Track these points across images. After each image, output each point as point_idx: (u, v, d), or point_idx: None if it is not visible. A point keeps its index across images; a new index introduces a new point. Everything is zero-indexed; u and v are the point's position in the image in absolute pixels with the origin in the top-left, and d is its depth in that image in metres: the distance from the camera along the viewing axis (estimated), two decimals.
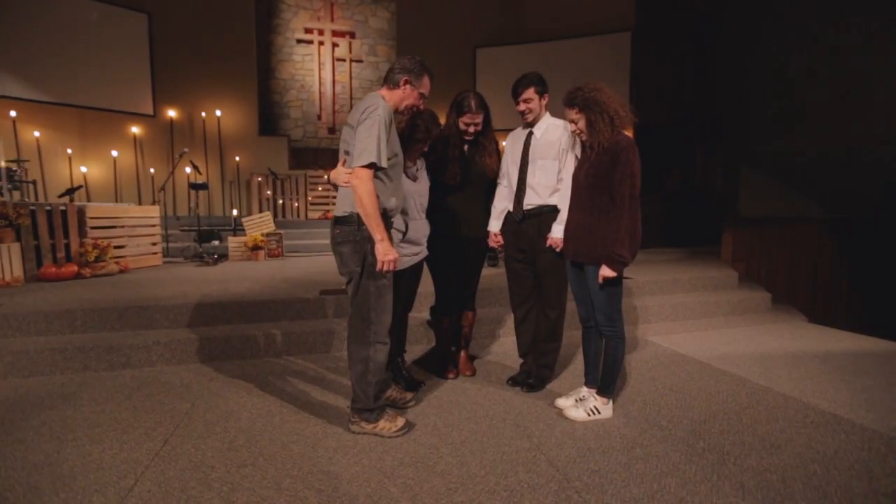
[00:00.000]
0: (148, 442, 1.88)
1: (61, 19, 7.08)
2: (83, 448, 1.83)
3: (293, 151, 9.58)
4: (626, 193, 1.83)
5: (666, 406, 2.19)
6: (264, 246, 5.65)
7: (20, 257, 3.90)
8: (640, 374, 2.62)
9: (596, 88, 1.88)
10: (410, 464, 1.71)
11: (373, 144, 1.70)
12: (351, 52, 10.28)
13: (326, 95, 10.28)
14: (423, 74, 1.92)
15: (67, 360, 2.65)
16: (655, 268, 4.86)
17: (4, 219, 3.74)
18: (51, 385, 2.47)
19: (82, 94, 7.41)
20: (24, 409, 2.18)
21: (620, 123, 1.87)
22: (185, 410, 2.17)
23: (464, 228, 2.45)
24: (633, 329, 3.53)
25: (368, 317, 1.85)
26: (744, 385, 2.46)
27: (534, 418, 2.07)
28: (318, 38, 10.09)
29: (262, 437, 1.91)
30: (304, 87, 10.13)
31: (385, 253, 1.75)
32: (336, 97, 10.39)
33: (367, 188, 1.71)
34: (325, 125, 10.24)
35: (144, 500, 1.51)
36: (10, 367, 2.57)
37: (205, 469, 1.68)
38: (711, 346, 3.15)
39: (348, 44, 10.29)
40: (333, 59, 10.27)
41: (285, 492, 1.54)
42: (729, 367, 2.73)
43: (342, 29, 10.20)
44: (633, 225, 1.84)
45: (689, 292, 4.19)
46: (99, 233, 4.44)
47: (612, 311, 1.98)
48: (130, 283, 3.91)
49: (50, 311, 2.89)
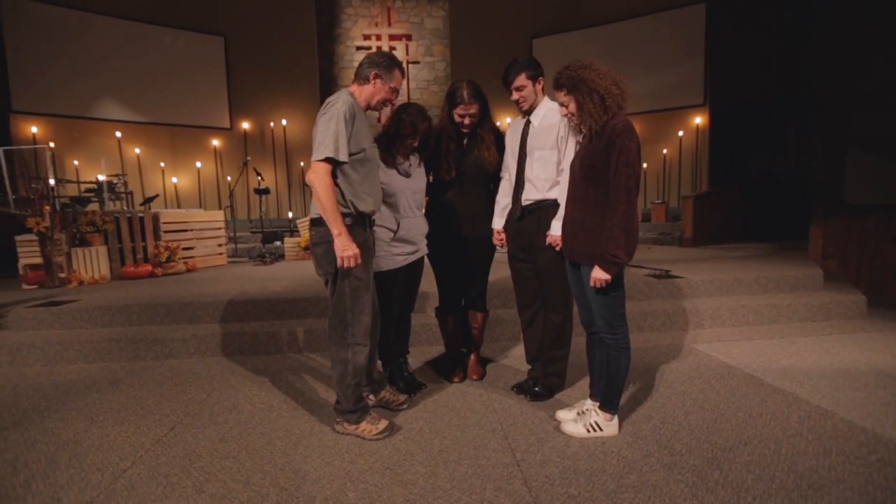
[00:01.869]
0: (157, 427, 2.04)
1: (154, 49, 8.07)
2: (106, 429, 2.04)
3: None
4: (622, 185, 1.60)
5: (687, 426, 1.90)
6: None
7: (107, 258, 4.50)
8: (668, 387, 2.31)
9: (584, 65, 1.67)
10: (379, 469, 1.65)
11: (330, 139, 1.68)
12: (408, 55, 10.46)
13: None
14: (393, 68, 1.86)
15: (122, 349, 2.98)
16: (718, 265, 4.30)
17: (92, 225, 4.33)
18: (105, 371, 2.80)
19: (171, 113, 8.39)
20: (77, 391, 2.49)
21: (614, 103, 1.64)
22: (199, 400, 2.32)
23: (463, 225, 2.34)
24: (676, 335, 3.14)
25: (345, 318, 1.83)
26: (798, 407, 2.05)
27: (527, 431, 1.91)
28: (375, 43, 10.40)
29: (253, 431, 1.98)
30: None
31: (343, 248, 1.72)
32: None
33: (323, 182, 1.69)
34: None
35: (132, 482, 1.63)
36: (78, 354, 2.96)
37: (192, 457, 1.78)
38: (772, 358, 2.69)
39: (405, 46, 10.48)
40: None
41: (251, 486, 1.58)
42: (786, 383, 2.31)
43: (399, 32, 10.43)
44: (628, 220, 1.60)
45: (756, 294, 3.64)
46: (171, 236, 4.99)
47: (611, 317, 1.76)
48: (190, 281, 4.33)
49: (113, 306, 3.29)
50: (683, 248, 5.94)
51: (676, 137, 8.26)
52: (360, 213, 1.83)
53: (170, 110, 8.38)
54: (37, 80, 7.15)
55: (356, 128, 1.78)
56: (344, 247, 1.72)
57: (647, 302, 3.51)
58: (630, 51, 8.19)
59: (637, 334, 3.21)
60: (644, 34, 8.22)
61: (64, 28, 7.33)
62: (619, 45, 8.29)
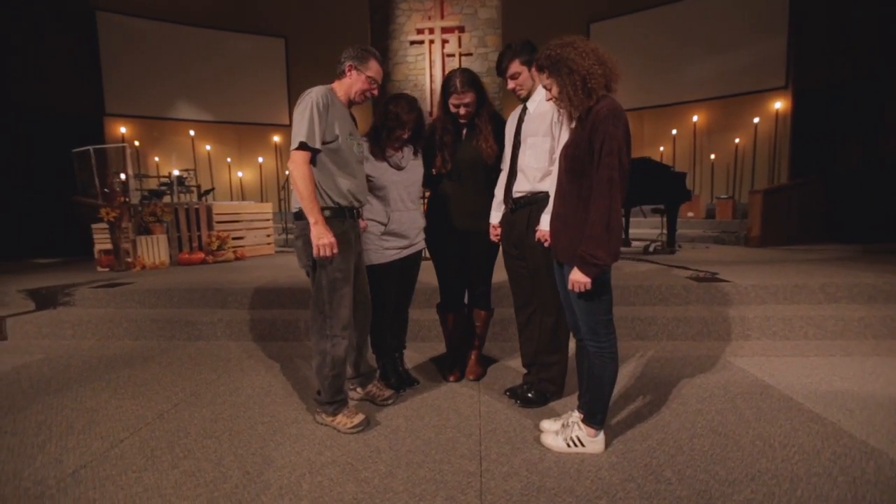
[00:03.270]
0: (162, 403, 2.20)
1: (222, 52, 8.72)
2: (123, 401, 2.24)
3: None
4: (605, 177, 1.42)
5: (688, 451, 1.68)
6: None
7: (167, 246, 4.96)
8: (682, 404, 2.07)
9: (565, 43, 1.50)
10: (341, 464, 1.64)
11: (303, 126, 1.69)
12: (460, 47, 10.37)
13: (437, 92, 10.60)
14: (369, 58, 1.83)
15: (160, 329, 3.26)
16: (780, 269, 3.78)
17: (154, 216, 4.79)
18: (143, 348, 3.08)
19: (237, 112, 9.04)
20: (115, 365, 2.77)
21: (598, 85, 1.46)
22: (209, 381, 2.47)
23: (461, 220, 2.25)
24: (713, 345, 2.81)
25: (324, 310, 1.84)
26: (837, 440, 1.73)
27: (504, 439, 1.80)
28: (428, 37, 10.43)
29: (243, 415, 2.06)
30: (416, 87, 10.58)
31: (319, 237, 1.71)
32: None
33: (300, 171, 1.70)
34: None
35: (124, 452, 1.76)
36: (125, 332, 3.29)
37: (181, 434, 1.89)
38: (823, 379, 2.31)
39: (458, 38, 10.39)
40: (443, 55, 10.51)
41: (220, 467, 1.63)
42: (831, 410, 1.97)
43: (451, 25, 10.35)
44: (611, 217, 1.42)
45: (821, 304, 3.16)
46: (223, 226, 5.38)
47: (595, 323, 1.59)
48: (233, 269, 4.64)
49: (159, 289, 3.61)
50: (748, 249, 5.32)
51: (751, 125, 7.40)
52: (338, 205, 1.82)
53: (236, 109, 9.04)
54: (125, 85, 8.05)
55: (331, 117, 1.77)
56: (319, 235, 1.73)
57: (683, 307, 3.18)
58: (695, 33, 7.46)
59: (666, 341, 2.92)
60: (712, 13, 7.43)
61: (147, 37, 8.16)
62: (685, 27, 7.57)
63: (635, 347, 2.84)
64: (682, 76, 7.88)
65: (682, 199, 4.94)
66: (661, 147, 8.83)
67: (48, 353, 3.00)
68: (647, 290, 3.27)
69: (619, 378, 2.33)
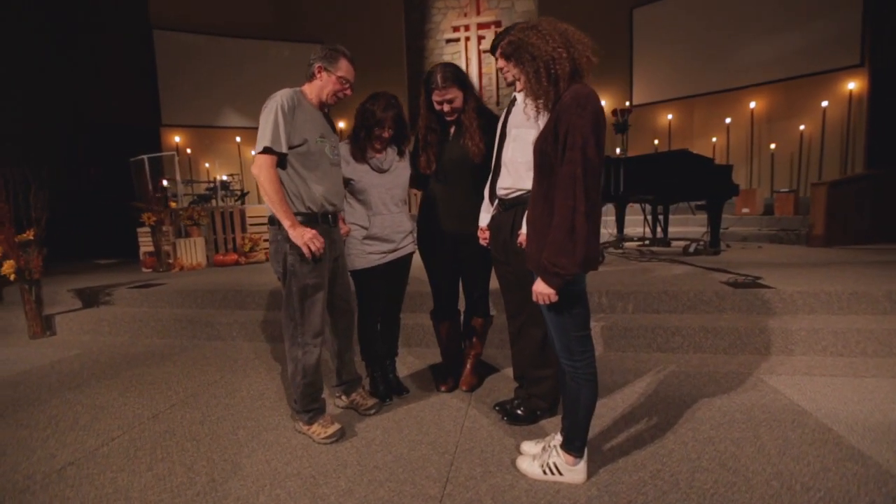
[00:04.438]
0: (162, 403, 2.27)
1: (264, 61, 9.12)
2: (129, 399, 2.34)
3: None
4: (568, 174, 1.25)
5: (685, 489, 1.46)
6: None
7: (203, 248, 5.23)
8: (692, 430, 1.82)
9: (528, 27, 1.34)
10: (304, 477, 1.59)
11: (268, 130, 1.65)
12: None
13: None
14: (338, 57, 1.76)
15: (183, 328, 3.42)
16: (840, 273, 3.31)
17: (191, 219, 5.06)
18: (165, 346, 3.24)
19: None
20: (135, 362, 2.92)
21: (563, 71, 1.29)
22: (210, 382, 2.54)
23: (450, 222, 2.13)
24: (745, 360, 2.50)
25: (295, 317, 1.80)
26: (879, 486, 1.44)
27: (479, 460, 1.67)
28: (464, 34, 10.32)
29: (229, 419, 2.08)
30: None
31: (299, 236, 1.69)
32: (482, 90, 10.48)
33: (267, 175, 1.67)
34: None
35: (111, 451, 1.82)
36: (153, 330, 3.48)
37: (168, 435, 1.94)
38: (876, 406, 1.95)
39: (494, 34, 10.19)
40: (479, 52, 10.36)
41: (190, 472, 1.64)
42: (879, 448, 1.65)
43: (487, 20, 10.17)
44: (575, 219, 1.25)
45: (886, 314, 2.72)
46: (255, 229, 5.60)
47: (567, 340, 1.42)
48: (261, 270, 4.80)
49: (185, 290, 3.79)
50: (808, 249, 4.74)
51: (818, 110, 6.61)
52: (310, 210, 1.78)
53: None
54: (179, 96, 8.63)
55: (298, 120, 1.72)
56: (299, 235, 1.69)
57: (714, 315, 2.86)
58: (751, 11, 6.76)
59: (691, 354, 2.64)
60: None
61: (197, 52, 8.70)
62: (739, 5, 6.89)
63: (654, 360, 2.58)
64: (737, 59, 7.17)
65: (728, 195, 4.48)
66: (713, 138, 8.13)
67: (84, 349, 3.24)
68: (673, 297, 2.97)
69: (626, 396, 2.13)
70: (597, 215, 1.29)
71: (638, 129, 8.14)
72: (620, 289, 3.08)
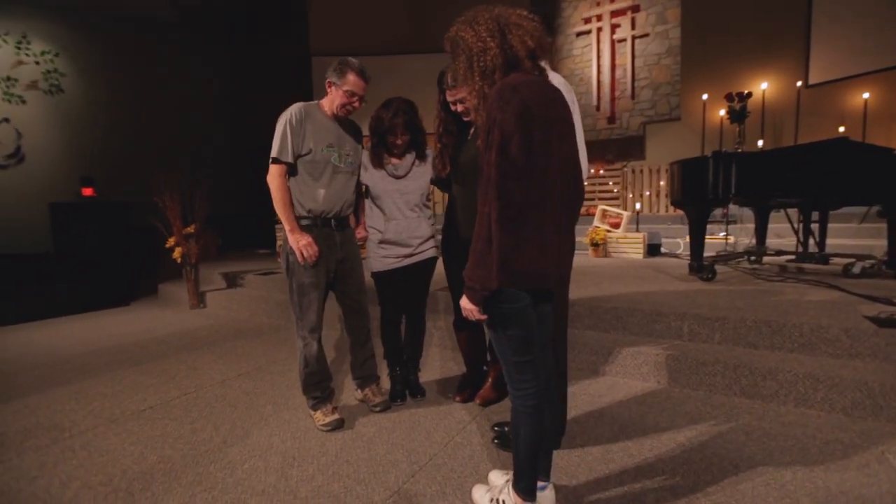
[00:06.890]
0: (233, 371, 2.73)
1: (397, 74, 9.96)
2: (217, 365, 2.87)
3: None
4: (490, 177, 1.10)
5: None
6: None
7: None
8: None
9: (465, 19, 1.21)
10: (287, 455, 1.74)
11: (277, 142, 1.85)
12: (634, 28, 9.27)
13: (604, 84, 9.77)
14: (346, 72, 1.87)
15: (283, 311, 4.00)
16: None
17: None
18: (267, 325, 3.85)
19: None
20: (240, 335, 3.55)
21: (493, 64, 1.13)
22: (277, 360, 2.93)
23: (467, 228, 2.05)
24: (871, 428, 1.81)
25: (296, 311, 1.99)
26: None
27: (441, 478, 1.58)
28: (595, 25, 9.65)
29: (268, 393, 2.38)
30: (582, 81, 9.96)
31: (295, 241, 1.86)
32: (616, 83, 9.70)
33: (274, 183, 1.87)
34: (603, 115, 9.74)
35: (181, 403, 2.28)
36: (263, 311, 4.16)
37: (220, 398, 2.32)
38: None
39: (630, 20, 9.31)
40: (612, 42, 9.58)
41: (214, 432, 1.95)
42: None
43: (622, 6, 9.32)
44: (499, 229, 1.09)
45: None
46: None
47: (507, 364, 1.24)
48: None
49: None
50: None
51: None
52: (311, 213, 1.93)
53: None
54: None
55: (307, 130, 1.89)
56: (294, 240, 1.88)
57: (839, 361, 2.14)
58: None
59: (786, 408, 2.05)
60: None
61: None
62: None
63: (728, 407, 2.06)
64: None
65: None
66: None
67: (216, 321, 4.07)
68: (777, 329, 2.31)
69: (659, 444, 1.76)
70: (524, 223, 1.11)
71: (816, 113, 6.44)
72: (708, 312, 2.52)
